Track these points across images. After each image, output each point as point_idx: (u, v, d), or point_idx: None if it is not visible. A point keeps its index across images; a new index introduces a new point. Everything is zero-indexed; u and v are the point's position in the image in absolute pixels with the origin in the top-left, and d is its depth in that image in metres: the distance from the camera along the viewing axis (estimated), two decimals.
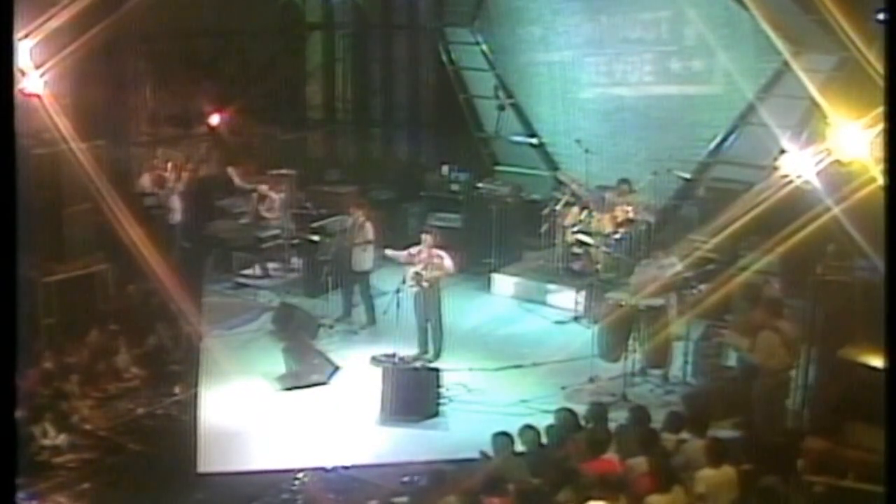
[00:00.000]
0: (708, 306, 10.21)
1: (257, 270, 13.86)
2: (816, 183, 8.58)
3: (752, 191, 10.69)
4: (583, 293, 12.25)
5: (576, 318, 12.21)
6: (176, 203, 13.53)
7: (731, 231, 10.76)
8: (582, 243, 12.62)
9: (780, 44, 11.01)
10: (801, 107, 11.15)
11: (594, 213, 12.58)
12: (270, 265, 13.90)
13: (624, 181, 12.73)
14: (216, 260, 13.97)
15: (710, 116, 13.54)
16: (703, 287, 10.50)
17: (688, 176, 13.29)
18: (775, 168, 9.51)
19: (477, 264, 13.44)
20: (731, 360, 9.72)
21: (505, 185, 14.48)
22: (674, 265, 10.45)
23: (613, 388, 9.86)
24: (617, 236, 12.38)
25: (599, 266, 12.11)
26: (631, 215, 12.45)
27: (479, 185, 14.55)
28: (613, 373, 10.17)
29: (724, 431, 8.30)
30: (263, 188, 13.77)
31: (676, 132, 13.65)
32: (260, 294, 13.20)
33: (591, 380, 10.18)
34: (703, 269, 10.93)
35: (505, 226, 13.78)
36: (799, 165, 8.84)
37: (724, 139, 13.55)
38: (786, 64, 11.50)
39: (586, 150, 13.38)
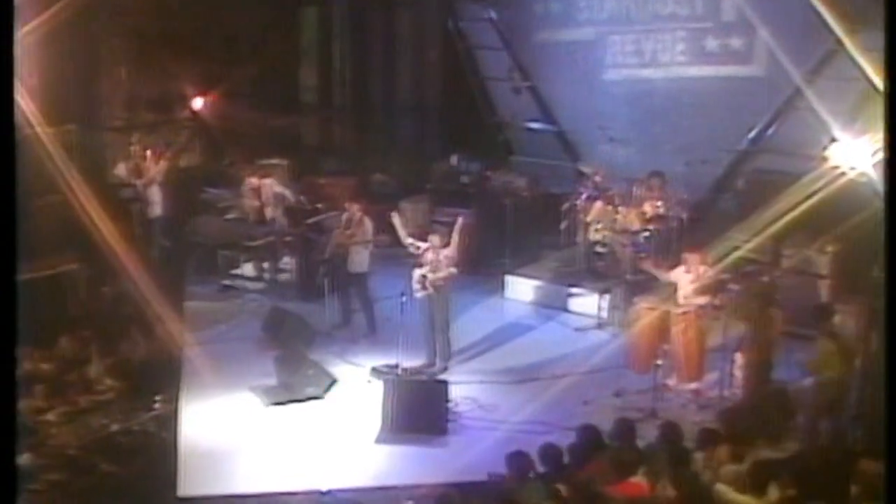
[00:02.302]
0: (747, 312, 10.14)
1: (246, 271, 13.83)
2: (872, 175, 8.49)
3: (798, 183, 10.62)
4: (607, 297, 12.28)
5: (599, 325, 12.26)
6: (155, 195, 13.61)
7: (775, 228, 10.73)
8: (606, 242, 12.57)
9: (831, 19, 10.90)
10: (856, 90, 11.04)
11: (620, 209, 12.57)
12: (261, 265, 13.86)
13: (655, 173, 12.67)
14: (200, 259, 13.97)
15: (751, 101, 13.58)
16: (742, 290, 10.43)
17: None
18: (825, 158, 9.43)
19: (489, 265, 13.51)
20: (774, 372, 9.63)
21: (521, 177, 14.51)
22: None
23: (642, 403, 9.82)
24: (646, 234, 12.35)
25: (626, 267, 12.05)
26: (661, 211, 12.43)
27: (492, 176, 14.53)
28: (642, 386, 10.13)
29: (765, 451, 8.23)
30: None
31: (712, 118, 13.66)
32: (248, 297, 13.21)
33: (617, 393, 10.18)
34: (743, 271, 10.87)
35: (520, 222, 13.86)
36: (852, 155, 8.77)
37: (767, 126, 13.56)
38: (839, 42, 11.40)
39: (611, 139, 13.46)
